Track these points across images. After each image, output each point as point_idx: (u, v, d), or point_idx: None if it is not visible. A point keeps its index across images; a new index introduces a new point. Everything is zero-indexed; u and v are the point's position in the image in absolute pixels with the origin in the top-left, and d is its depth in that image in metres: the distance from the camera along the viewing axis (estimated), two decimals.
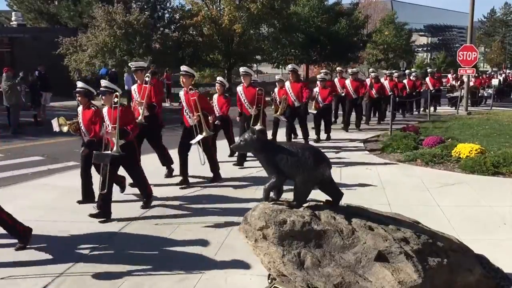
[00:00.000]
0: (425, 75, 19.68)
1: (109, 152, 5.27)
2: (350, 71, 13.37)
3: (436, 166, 7.85)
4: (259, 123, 7.84)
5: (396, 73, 15.70)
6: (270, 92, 10.23)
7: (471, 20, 17.12)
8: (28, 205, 5.65)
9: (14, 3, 27.86)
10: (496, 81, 22.26)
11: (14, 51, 22.56)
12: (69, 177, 7.05)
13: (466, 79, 16.86)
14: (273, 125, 9.62)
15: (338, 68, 14.27)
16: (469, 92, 17.36)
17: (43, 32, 24.70)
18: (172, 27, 26.14)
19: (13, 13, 26.00)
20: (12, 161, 8.92)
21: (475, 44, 35.29)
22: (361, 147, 9.94)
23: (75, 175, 5.92)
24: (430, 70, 19.73)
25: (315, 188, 3.34)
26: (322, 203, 3.46)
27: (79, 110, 5.82)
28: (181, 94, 6.83)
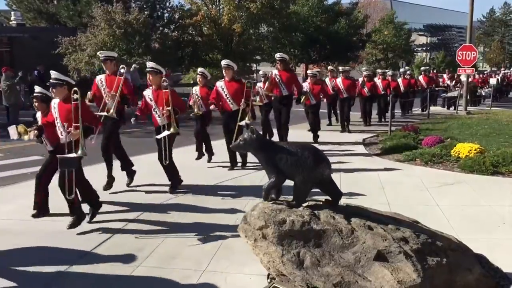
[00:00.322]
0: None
1: (74, 155, 4.84)
2: (341, 69, 13.02)
3: (436, 166, 7.85)
4: (247, 117, 7.31)
5: (389, 71, 15.51)
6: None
7: (471, 19, 17.14)
8: (28, 205, 5.63)
9: (13, 3, 27.84)
10: (494, 81, 22.14)
11: (14, 51, 22.56)
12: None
13: (465, 79, 16.84)
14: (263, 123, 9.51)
15: (329, 68, 14.03)
16: (468, 92, 17.32)
17: (42, 32, 24.71)
18: (172, 26, 26.17)
19: (12, 13, 26.00)
20: (12, 161, 8.92)
21: (475, 43, 35.31)
22: (361, 146, 9.94)
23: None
24: (424, 68, 19.35)
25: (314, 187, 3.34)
26: (321, 203, 3.47)
27: (38, 116, 5.39)
28: (148, 93, 6.31)
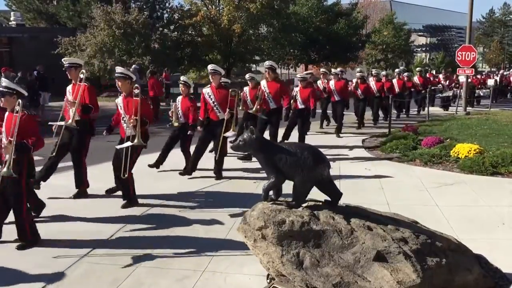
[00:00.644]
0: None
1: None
2: (333, 71, 12.46)
3: (435, 166, 7.85)
4: (231, 128, 6.84)
5: (383, 72, 15.20)
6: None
7: (470, 20, 17.14)
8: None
9: (13, 3, 27.85)
10: (492, 81, 22.03)
11: (13, 51, 22.57)
12: (68, 177, 7.02)
13: (465, 79, 16.81)
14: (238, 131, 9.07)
15: (321, 69, 13.51)
16: (466, 92, 17.27)
17: (42, 32, 24.74)
18: (171, 27, 26.18)
19: (12, 13, 26.00)
20: None
21: (474, 44, 35.33)
22: (360, 147, 9.94)
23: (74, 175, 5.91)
24: (419, 69, 18.99)
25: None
26: (321, 203, 3.47)
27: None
28: (119, 101, 5.84)
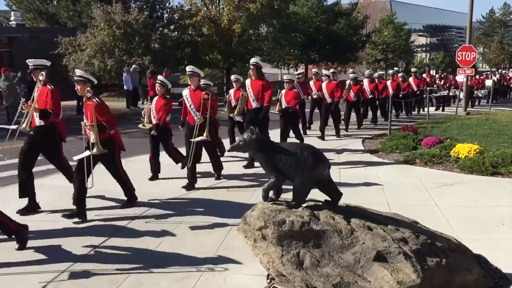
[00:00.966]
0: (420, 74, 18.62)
1: None
2: (324, 72, 12.05)
3: (435, 166, 7.85)
4: (204, 133, 6.51)
5: (376, 73, 14.92)
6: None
7: (470, 20, 17.15)
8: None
9: (13, 3, 27.83)
10: (490, 82, 21.89)
11: (13, 51, 22.56)
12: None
13: (465, 80, 16.79)
14: (229, 133, 8.91)
15: (313, 70, 13.22)
16: (466, 92, 17.25)
17: (42, 32, 24.74)
18: (171, 27, 26.16)
19: (12, 13, 26.00)
20: (12, 161, 8.89)
21: (474, 44, 35.33)
22: (360, 147, 9.95)
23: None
24: (414, 70, 18.72)
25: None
26: (321, 203, 3.47)
27: None
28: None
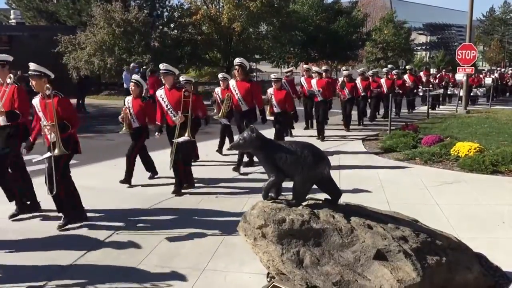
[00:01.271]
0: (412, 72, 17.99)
1: None
2: (315, 69, 11.75)
3: (435, 165, 7.85)
4: (186, 133, 6.15)
5: (370, 71, 14.83)
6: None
7: (470, 18, 17.13)
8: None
9: (13, 1, 27.86)
10: (489, 80, 21.76)
11: (13, 49, 22.49)
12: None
13: (465, 78, 16.78)
14: (220, 133, 8.80)
15: (305, 66, 12.87)
16: (466, 90, 17.22)
17: (42, 30, 24.72)
18: (171, 25, 26.17)
19: (11, 11, 25.99)
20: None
21: (474, 42, 35.33)
22: (360, 145, 9.94)
23: (74, 175, 5.89)
24: (409, 67, 18.47)
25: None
26: (321, 202, 3.47)
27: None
28: (36, 102, 5.15)
